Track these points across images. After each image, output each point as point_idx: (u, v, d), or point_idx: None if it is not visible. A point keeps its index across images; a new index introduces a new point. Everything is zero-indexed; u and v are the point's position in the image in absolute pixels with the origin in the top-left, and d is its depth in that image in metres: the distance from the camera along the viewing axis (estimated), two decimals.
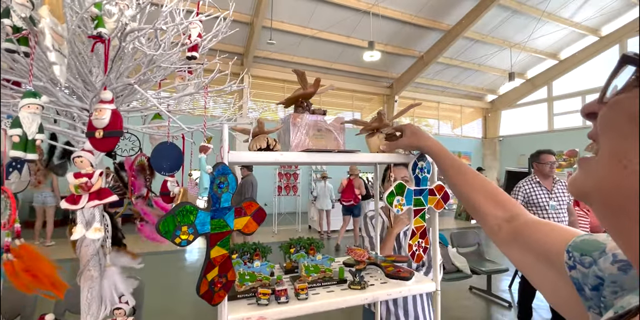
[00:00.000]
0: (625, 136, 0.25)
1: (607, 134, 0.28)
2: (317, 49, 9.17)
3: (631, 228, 0.26)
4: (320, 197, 7.05)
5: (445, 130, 12.92)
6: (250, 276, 0.98)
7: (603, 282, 0.38)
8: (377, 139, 1.08)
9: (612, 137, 0.27)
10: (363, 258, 1.03)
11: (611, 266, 0.37)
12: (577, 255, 0.42)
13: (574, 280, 0.42)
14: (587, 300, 0.41)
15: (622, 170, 0.25)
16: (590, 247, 0.42)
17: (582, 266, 0.41)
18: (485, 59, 10.39)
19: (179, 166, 0.84)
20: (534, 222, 0.56)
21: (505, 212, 0.63)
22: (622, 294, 0.36)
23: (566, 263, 0.43)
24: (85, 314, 0.84)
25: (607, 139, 0.28)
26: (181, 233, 0.72)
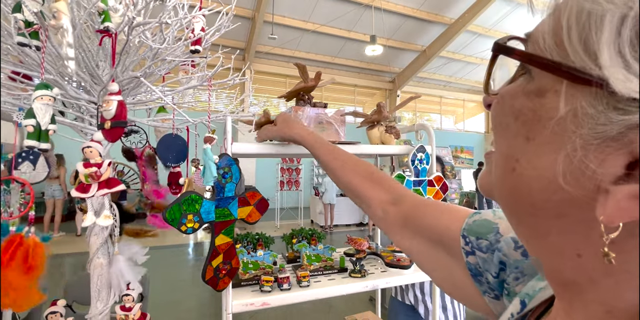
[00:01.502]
0: (513, 135, 0.23)
1: (496, 131, 0.25)
2: (319, 43, 9.12)
3: (522, 231, 0.25)
4: (328, 191, 7.10)
5: (448, 125, 12.87)
6: (253, 265, 1.01)
7: (505, 268, 0.37)
8: (377, 131, 1.10)
9: (501, 135, 0.24)
10: (363, 247, 1.06)
11: (514, 252, 0.36)
12: (474, 239, 0.40)
13: (470, 266, 0.40)
14: (481, 285, 0.40)
15: (510, 173, 0.23)
16: (483, 229, 0.40)
17: (480, 251, 0.39)
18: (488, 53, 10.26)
19: (184, 157, 0.87)
20: (423, 204, 0.51)
21: (389, 194, 0.56)
22: (523, 280, 0.35)
23: (463, 248, 0.41)
24: (96, 300, 0.88)
25: (497, 136, 0.25)
26: (187, 221, 0.74)
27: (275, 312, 3.13)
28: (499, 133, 0.25)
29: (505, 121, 0.23)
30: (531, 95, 0.21)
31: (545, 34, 0.21)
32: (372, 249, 1.15)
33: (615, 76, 0.17)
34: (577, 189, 0.19)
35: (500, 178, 0.25)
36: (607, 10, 0.17)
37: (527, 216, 0.23)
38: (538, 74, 0.21)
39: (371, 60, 10.04)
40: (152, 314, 1.00)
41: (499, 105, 0.25)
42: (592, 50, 0.18)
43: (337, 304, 3.29)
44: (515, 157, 0.23)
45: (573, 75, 0.18)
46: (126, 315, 0.91)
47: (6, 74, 0.74)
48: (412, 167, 1.01)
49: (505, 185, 0.24)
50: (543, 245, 0.23)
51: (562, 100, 0.19)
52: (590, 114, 0.18)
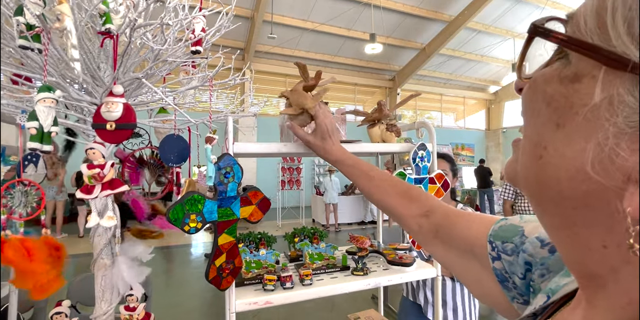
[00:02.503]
0: (543, 122, 0.22)
1: (526, 118, 0.24)
2: (318, 42, 9.12)
3: (546, 221, 0.25)
4: (328, 190, 7.13)
5: (448, 123, 12.86)
6: (256, 264, 1.01)
7: (531, 268, 0.37)
8: (378, 130, 1.10)
9: (530, 122, 0.24)
10: (365, 245, 1.06)
11: (541, 250, 0.36)
12: (499, 244, 0.41)
13: (496, 272, 0.41)
14: (509, 291, 0.40)
15: (537, 160, 0.23)
16: (509, 233, 0.40)
17: (505, 254, 0.40)
18: (488, 49, 10.28)
19: (185, 158, 0.87)
20: (454, 215, 0.52)
21: (421, 208, 0.58)
22: (549, 277, 0.35)
23: (490, 254, 0.42)
24: (100, 300, 0.88)
25: (526, 123, 0.24)
26: (190, 221, 0.75)
27: (279, 311, 3.14)
28: (528, 119, 0.24)
29: (537, 107, 0.23)
30: (565, 80, 0.21)
31: (587, 15, 0.20)
32: (374, 247, 1.15)
33: None
34: (605, 178, 0.18)
35: (525, 166, 0.24)
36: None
37: (553, 206, 0.22)
38: (576, 58, 0.20)
39: (371, 59, 10.03)
40: (155, 314, 1.01)
41: (531, 90, 0.24)
42: (636, 35, 0.17)
43: (339, 303, 3.30)
44: (543, 145, 0.22)
45: (613, 61, 0.18)
46: (130, 315, 0.92)
47: (8, 76, 0.75)
48: (414, 164, 1.01)
49: (530, 173, 0.24)
50: (567, 235, 0.23)
51: (598, 86, 0.19)
52: (627, 101, 0.17)
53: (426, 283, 1.54)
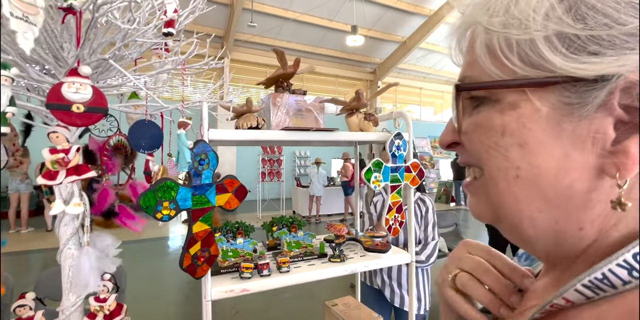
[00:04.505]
0: (505, 149, 0.26)
1: (482, 157, 0.28)
2: (300, 32, 8.98)
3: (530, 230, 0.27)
4: (314, 183, 7.14)
5: (427, 116, 13.12)
6: (233, 252, 1.01)
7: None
8: (356, 119, 1.10)
9: (492, 156, 0.27)
10: (342, 233, 1.08)
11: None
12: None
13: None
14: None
15: (514, 181, 0.26)
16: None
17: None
18: None
19: (158, 144, 0.84)
20: None
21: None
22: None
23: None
24: (67, 291, 0.85)
25: (485, 160, 0.28)
26: (162, 208, 0.73)
27: (257, 301, 3.15)
28: (485, 157, 0.28)
29: (492, 142, 0.27)
30: (506, 110, 0.25)
31: (485, 68, 0.26)
32: (352, 235, 1.17)
33: (575, 69, 0.22)
34: (586, 156, 0.23)
35: (504, 193, 0.27)
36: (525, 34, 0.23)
37: (543, 210, 0.25)
38: (502, 95, 0.25)
39: (352, 51, 10.01)
40: (130, 307, 0.98)
41: (477, 134, 0.28)
42: (536, 63, 0.23)
43: (318, 292, 3.35)
44: (515, 166, 0.25)
45: (539, 84, 0.23)
46: (101, 307, 0.90)
47: None
48: (390, 153, 1.03)
49: (514, 192, 0.26)
50: (550, 231, 0.26)
51: (536, 103, 0.24)
52: (567, 102, 0.23)
53: (382, 268, 1.62)
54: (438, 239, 1.70)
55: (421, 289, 1.67)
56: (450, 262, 0.38)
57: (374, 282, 1.71)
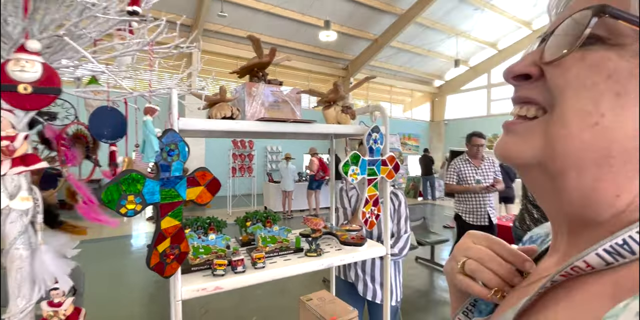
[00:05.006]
0: (600, 93, 0.25)
1: (570, 92, 0.26)
2: (272, 25, 8.79)
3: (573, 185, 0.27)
4: (284, 178, 7.08)
5: (397, 113, 13.44)
6: (205, 249, 0.96)
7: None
8: (333, 111, 1.09)
9: (580, 95, 0.26)
10: (319, 227, 1.06)
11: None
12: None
13: None
14: None
15: (591, 127, 0.25)
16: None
17: None
18: (435, 45, 10.83)
19: (122, 133, 0.77)
20: None
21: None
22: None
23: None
24: (16, 297, 0.76)
25: (570, 96, 0.26)
26: (127, 202, 0.67)
27: (230, 298, 3.08)
28: (571, 95, 0.26)
29: (591, 82, 0.25)
30: (626, 57, 0.24)
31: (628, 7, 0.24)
32: (328, 229, 1.16)
33: None
34: None
35: (573, 136, 0.26)
36: None
37: (595, 165, 0.25)
38: (630, 41, 0.24)
39: (325, 46, 9.97)
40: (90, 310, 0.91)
41: (580, 69, 0.26)
42: None
43: (292, 288, 3.34)
44: (600, 112, 0.25)
45: None
46: (55, 312, 0.82)
47: None
48: (367, 146, 1.03)
49: (582, 139, 0.25)
50: (588, 189, 0.26)
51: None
52: None
53: (357, 262, 1.64)
54: (410, 232, 1.74)
55: (393, 281, 1.70)
56: (457, 252, 0.40)
57: (348, 276, 1.72)
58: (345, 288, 1.75)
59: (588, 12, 0.25)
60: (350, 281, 1.71)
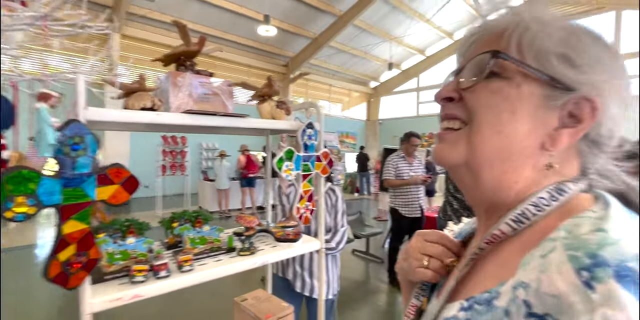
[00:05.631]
0: (501, 111, 0.35)
1: (482, 111, 0.36)
2: (207, 14, 8.29)
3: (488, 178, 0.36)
4: (219, 176, 6.75)
5: (336, 112, 13.81)
6: (122, 254, 0.86)
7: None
8: (268, 106, 1.06)
9: (489, 112, 0.35)
10: (252, 224, 1.03)
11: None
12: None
13: None
14: None
15: (498, 135, 0.34)
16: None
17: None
18: (371, 48, 11.36)
19: (8, 123, 0.65)
20: None
21: None
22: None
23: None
24: None
25: (482, 114, 0.36)
26: (15, 205, 0.57)
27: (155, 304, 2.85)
28: (483, 112, 0.36)
29: (494, 103, 0.35)
30: (513, 86, 0.35)
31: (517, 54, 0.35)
32: (263, 226, 1.14)
33: (560, 74, 0.33)
34: (539, 132, 0.34)
35: (486, 142, 0.35)
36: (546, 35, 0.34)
37: (500, 161, 0.35)
38: (514, 75, 0.34)
39: (265, 41, 9.76)
40: None
41: (486, 94, 0.36)
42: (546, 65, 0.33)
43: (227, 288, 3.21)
44: (501, 123, 0.34)
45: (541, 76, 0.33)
46: None
47: None
48: (302, 142, 1.03)
49: (492, 143, 0.35)
50: (501, 179, 0.35)
51: (533, 88, 0.34)
52: (548, 95, 0.33)
53: (295, 258, 1.65)
54: (347, 226, 1.80)
55: (330, 275, 1.74)
56: (413, 251, 0.47)
57: (286, 273, 1.71)
58: (283, 285, 1.74)
59: (488, 55, 0.35)
60: (289, 278, 1.71)
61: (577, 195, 0.34)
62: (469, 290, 0.36)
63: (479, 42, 0.38)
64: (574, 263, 0.25)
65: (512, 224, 0.34)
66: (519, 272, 0.30)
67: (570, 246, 0.27)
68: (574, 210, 0.32)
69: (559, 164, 0.34)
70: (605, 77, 0.33)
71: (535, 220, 0.34)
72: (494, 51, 0.35)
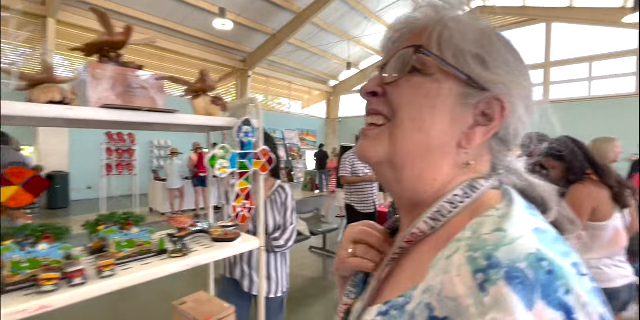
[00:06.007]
0: (421, 106, 0.35)
1: (404, 107, 0.35)
2: (159, 5, 7.79)
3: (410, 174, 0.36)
4: (170, 175, 6.40)
5: (296, 110, 13.77)
6: (31, 263, 0.78)
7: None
8: (202, 101, 1.03)
9: (411, 108, 0.35)
10: (185, 225, 1.00)
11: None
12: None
13: None
14: None
15: (419, 131, 0.34)
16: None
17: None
18: (330, 47, 11.46)
19: None
20: None
21: None
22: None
23: None
24: None
25: (404, 109, 0.35)
26: None
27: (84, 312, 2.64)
28: (405, 107, 0.35)
29: (414, 98, 0.35)
30: (434, 82, 0.34)
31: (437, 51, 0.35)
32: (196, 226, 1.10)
33: (475, 73, 0.34)
34: (456, 130, 0.34)
35: (407, 137, 0.35)
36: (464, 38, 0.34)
37: (421, 158, 0.35)
38: (435, 71, 0.35)
39: (221, 35, 9.43)
40: None
41: (408, 89, 0.36)
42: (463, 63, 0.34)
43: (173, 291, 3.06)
44: (422, 119, 0.34)
45: (459, 74, 0.34)
46: None
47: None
48: (237, 140, 1.01)
49: (413, 139, 0.35)
50: (420, 176, 0.35)
51: (452, 85, 0.34)
52: (464, 92, 0.34)
53: (243, 258, 1.63)
54: (296, 223, 1.80)
55: (279, 273, 1.73)
56: (343, 242, 0.47)
57: (234, 273, 1.68)
58: (232, 286, 1.70)
59: (411, 50, 0.35)
60: (237, 279, 1.67)
61: (487, 192, 0.34)
62: (387, 293, 0.36)
63: (403, 38, 0.39)
64: (472, 265, 0.25)
65: (430, 222, 0.34)
66: (429, 275, 0.29)
67: (472, 247, 0.26)
68: (482, 208, 0.32)
69: (474, 161, 0.35)
70: (513, 80, 0.34)
71: (450, 218, 0.34)
72: (416, 46, 0.35)
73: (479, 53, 0.34)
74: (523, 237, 0.25)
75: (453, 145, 0.34)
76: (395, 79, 0.36)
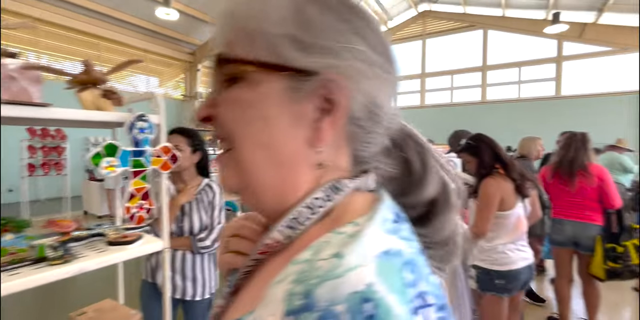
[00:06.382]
0: (253, 120, 0.30)
1: (236, 129, 0.31)
2: None
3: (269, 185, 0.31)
4: None
5: None
6: None
7: None
8: (89, 95, 0.95)
9: (244, 129, 0.30)
10: (68, 229, 0.92)
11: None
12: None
13: None
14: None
15: (265, 147, 0.29)
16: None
17: None
18: None
19: None
20: None
21: None
22: None
23: None
24: None
25: (239, 132, 0.30)
26: None
27: None
28: (234, 128, 0.30)
29: (239, 114, 0.30)
30: (251, 87, 0.29)
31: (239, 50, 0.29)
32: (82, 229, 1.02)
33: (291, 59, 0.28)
34: (300, 131, 0.29)
35: (248, 160, 0.30)
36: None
37: (274, 176, 0.30)
38: (248, 74, 0.29)
39: (166, 25, 8.87)
40: None
41: (229, 107, 0.31)
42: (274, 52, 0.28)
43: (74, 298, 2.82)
44: (256, 135, 0.29)
45: (273, 67, 0.28)
46: None
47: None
48: (131, 136, 0.94)
49: (257, 159, 0.30)
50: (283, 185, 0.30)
51: (272, 83, 0.29)
52: (291, 86, 0.28)
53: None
54: (224, 223, 1.75)
55: (206, 274, 1.67)
56: (222, 237, 0.42)
57: (156, 278, 1.59)
58: (155, 291, 1.60)
59: (216, 64, 0.31)
60: (158, 283, 1.58)
61: (356, 196, 0.30)
62: (232, 311, 0.31)
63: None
64: (287, 304, 0.21)
65: (286, 231, 0.29)
66: (262, 301, 0.23)
67: (299, 277, 0.22)
68: (343, 219, 0.28)
69: (332, 159, 0.30)
70: (344, 46, 0.28)
71: (309, 226, 0.29)
72: (216, 55, 0.30)
73: (290, 33, 0.28)
74: (359, 267, 0.21)
75: (304, 148, 0.29)
76: (212, 97, 0.32)
